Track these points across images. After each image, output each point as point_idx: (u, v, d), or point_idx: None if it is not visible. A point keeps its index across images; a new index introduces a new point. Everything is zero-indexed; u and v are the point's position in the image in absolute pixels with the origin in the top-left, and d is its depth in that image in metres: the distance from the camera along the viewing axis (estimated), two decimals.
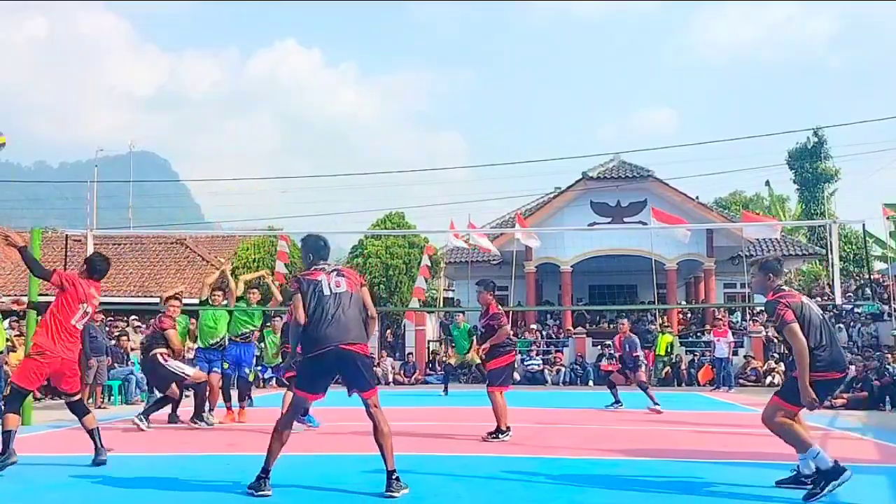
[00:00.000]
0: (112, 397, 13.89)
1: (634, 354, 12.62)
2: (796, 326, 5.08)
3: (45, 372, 6.21)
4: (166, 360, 9.28)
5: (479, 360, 16.23)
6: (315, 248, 5.50)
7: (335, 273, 5.30)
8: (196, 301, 10.22)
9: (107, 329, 15.37)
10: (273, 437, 5.13)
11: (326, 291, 5.17)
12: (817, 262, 30.66)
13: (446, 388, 16.13)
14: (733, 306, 25.31)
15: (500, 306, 8.46)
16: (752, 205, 40.29)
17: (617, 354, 13.67)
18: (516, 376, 21.13)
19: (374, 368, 21.19)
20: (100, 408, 12.99)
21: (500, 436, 7.84)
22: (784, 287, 5.50)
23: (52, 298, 6.35)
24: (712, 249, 23.62)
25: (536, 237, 20.91)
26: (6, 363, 11.37)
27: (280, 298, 10.65)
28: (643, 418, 10.86)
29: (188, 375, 9.29)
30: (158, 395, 9.46)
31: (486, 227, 27.61)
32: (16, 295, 14.37)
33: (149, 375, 9.85)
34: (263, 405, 11.66)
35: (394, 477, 5.06)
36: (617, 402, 12.36)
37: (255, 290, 10.44)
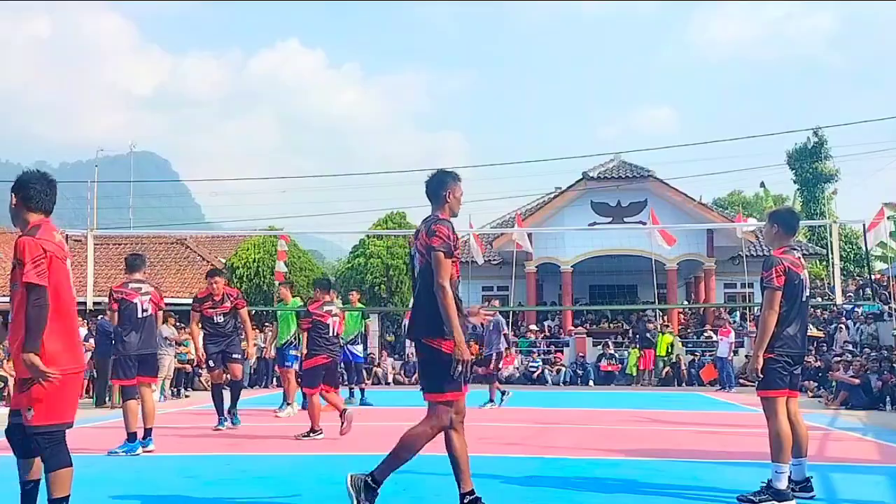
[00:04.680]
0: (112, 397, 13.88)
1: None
2: (779, 296, 4.85)
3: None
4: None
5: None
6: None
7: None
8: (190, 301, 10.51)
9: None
10: None
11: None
12: (817, 261, 30.64)
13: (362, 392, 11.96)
14: (733, 306, 25.30)
15: (326, 307, 8.19)
16: (753, 206, 40.27)
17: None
18: (516, 373, 21.13)
19: (375, 368, 21.14)
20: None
21: (312, 434, 8.03)
22: (795, 249, 5.06)
23: None
24: (712, 249, 23.63)
25: (528, 240, 20.99)
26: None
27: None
28: (643, 418, 10.85)
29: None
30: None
31: (487, 227, 27.65)
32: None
33: None
34: (263, 405, 11.68)
35: None
36: (490, 401, 12.08)
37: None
